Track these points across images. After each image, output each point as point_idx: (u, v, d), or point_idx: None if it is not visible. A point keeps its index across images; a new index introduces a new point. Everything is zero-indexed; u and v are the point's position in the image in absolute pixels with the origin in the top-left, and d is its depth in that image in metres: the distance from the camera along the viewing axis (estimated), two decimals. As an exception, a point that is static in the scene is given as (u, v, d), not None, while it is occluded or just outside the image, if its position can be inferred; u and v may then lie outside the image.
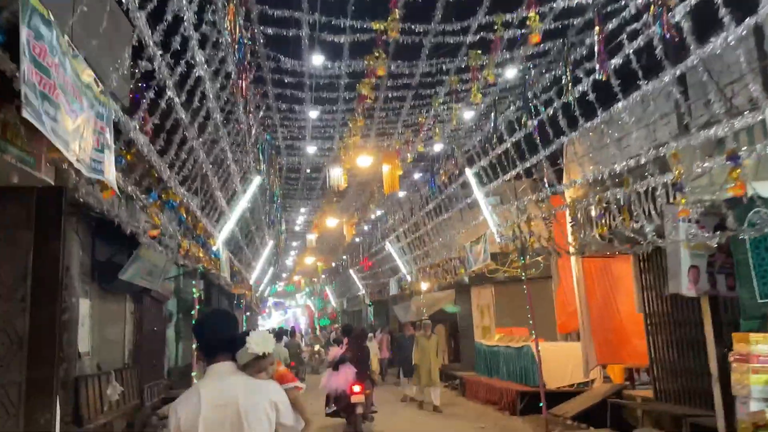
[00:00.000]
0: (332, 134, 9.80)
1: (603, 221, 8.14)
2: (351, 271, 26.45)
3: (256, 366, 2.73)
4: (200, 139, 5.94)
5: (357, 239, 21.44)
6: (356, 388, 9.25)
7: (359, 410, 9.20)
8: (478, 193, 9.76)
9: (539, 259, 11.30)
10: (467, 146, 10.15)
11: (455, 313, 18.10)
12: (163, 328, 15.66)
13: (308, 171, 10.92)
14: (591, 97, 6.15)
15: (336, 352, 10.58)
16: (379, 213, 17.12)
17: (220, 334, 2.74)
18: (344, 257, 26.04)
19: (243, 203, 9.33)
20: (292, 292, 46.03)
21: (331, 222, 16.74)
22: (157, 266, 10.77)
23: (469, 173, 9.89)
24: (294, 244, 22.81)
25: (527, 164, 8.31)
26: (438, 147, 10.80)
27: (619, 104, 6.88)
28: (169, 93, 4.80)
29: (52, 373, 5.33)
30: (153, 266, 10.51)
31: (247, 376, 2.69)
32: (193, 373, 16.14)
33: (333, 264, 28.31)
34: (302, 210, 15.07)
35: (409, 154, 9.89)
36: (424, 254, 15.13)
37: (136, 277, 9.48)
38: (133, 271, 9.08)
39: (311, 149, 10.25)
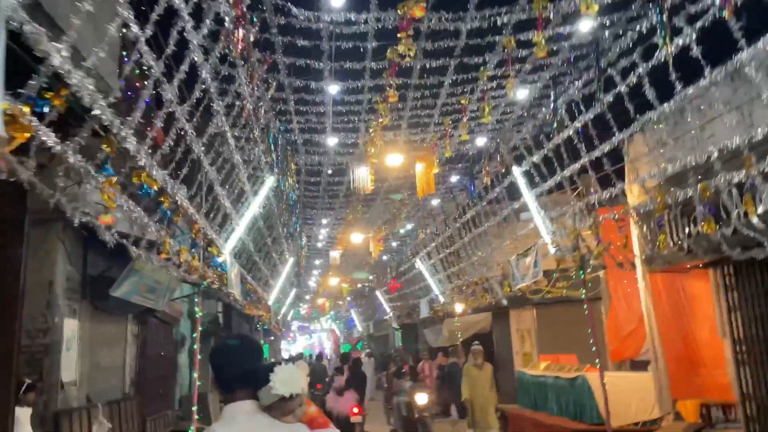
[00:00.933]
0: (356, 123, 8.67)
1: (679, 228, 6.77)
2: (377, 293, 25.17)
3: (282, 408, 2.32)
4: (185, 106, 4.79)
5: (384, 257, 20.16)
6: (355, 410, 11.49)
7: (357, 429, 11.40)
8: (527, 196, 8.46)
9: (599, 274, 9.85)
10: (515, 141, 8.88)
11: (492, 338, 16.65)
12: (174, 352, 14.62)
13: (329, 173, 9.80)
14: (692, 53, 4.84)
15: (341, 380, 12.56)
16: (408, 227, 15.85)
17: (240, 366, 2.33)
18: (370, 277, 24.80)
19: (254, 207, 8.20)
20: (316, 316, 44.83)
21: (357, 237, 15.58)
22: (161, 283, 9.69)
23: (517, 172, 8.61)
24: (317, 262, 21.69)
25: (587, 159, 6.98)
26: (480, 142, 9.56)
27: (704, 81, 5.57)
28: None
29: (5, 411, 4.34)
30: (155, 283, 9.43)
31: (271, 419, 2.30)
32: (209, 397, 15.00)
33: (358, 285, 27.10)
34: (323, 222, 13.96)
35: (447, 147, 8.64)
36: (460, 271, 13.80)
37: (132, 294, 8.38)
38: (128, 287, 7.96)
39: (332, 142, 9.10)
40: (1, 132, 2.59)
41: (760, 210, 4.53)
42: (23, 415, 5.35)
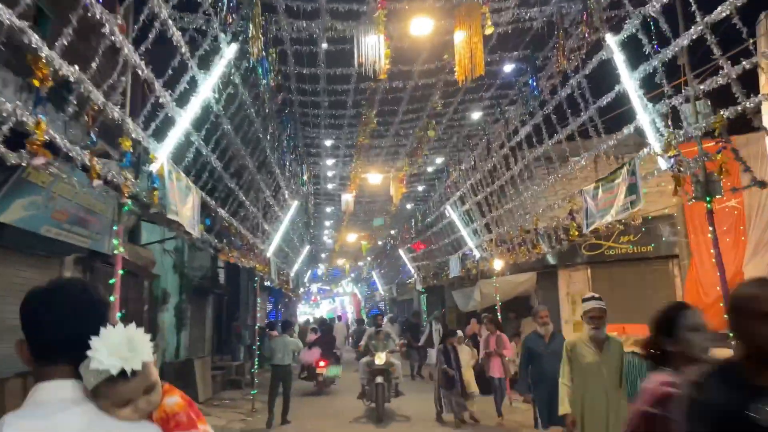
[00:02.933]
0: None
1: None
2: (401, 252, 22.63)
3: (114, 394, 1.52)
4: None
5: (408, 205, 17.49)
6: (321, 363, 14.47)
7: (320, 378, 14.46)
8: (627, 81, 5.63)
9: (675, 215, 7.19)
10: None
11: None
12: (151, 311, 12.38)
13: (325, 46, 7.01)
14: None
15: (311, 337, 16.43)
16: (438, 162, 13.05)
17: (61, 325, 1.57)
18: (392, 232, 22.24)
19: (206, 88, 5.58)
20: (338, 278, 42.82)
21: (374, 178, 12.94)
22: (96, 213, 7.21)
23: (611, 42, 5.78)
24: (328, 210, 19.17)
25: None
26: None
27: None
28: None
29: None
30: (86, 211, 6.95)
31: (98, 413, 1.53)
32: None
33: (379, 242, 24.64)
34: (328, 145, 11.27)
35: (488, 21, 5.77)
36: (503, 218, 11.05)
37: (40, 223, 5.90)
38: (22, 211, 5.45)
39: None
40: None
41: None
42: None
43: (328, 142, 11.05)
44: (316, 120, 10.02)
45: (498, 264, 12.26)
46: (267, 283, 21.29)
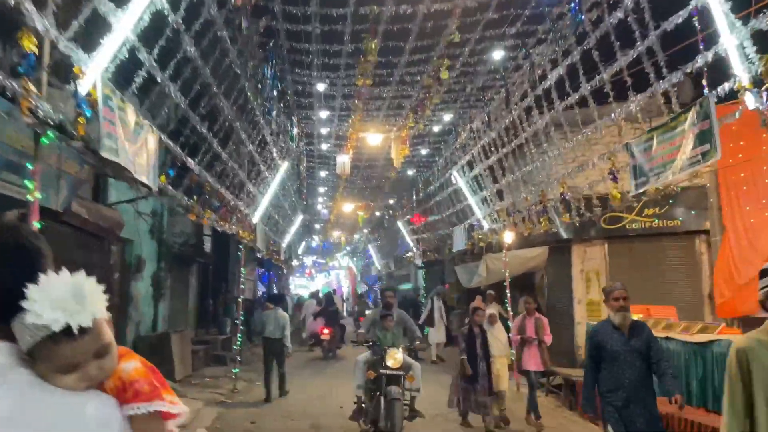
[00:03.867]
0: None
1: None
2: (399, 224, 21.46)
3: (53, 357, 1.33)
4: None
5: (409, 172, 16.22)
6: (325, 331, 16.24)
7: (325, 344, 16.12)
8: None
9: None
10: None
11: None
12: (120, 279, 11.21)
13: None
14: None
15: (316, 308, 17.99)
16: (446, 119, 11.66)
17: None
18: (391, 201, 21.01)
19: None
20: (333, 251, 41.76)
21: (374, 139, 11.64)
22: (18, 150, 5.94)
23: None
24: (323, 174, 17.80)
25: None
26: None
27: None
28: None
29: None
30: (15, 153, 5.72)
31: (31, 380, 1.34)
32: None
33: (377, 213, 23.41)
34: (320, 90, 9.84)
35: None
36: (522, 180, 9.80)
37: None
38: None
39: None
40: None
41: None
42: None
43: (322, 87, 9.63)
44: (306, 58, 8.60)
45: (509, 236, 11.06)
46: (258, 255, 20.27)
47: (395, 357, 7.10)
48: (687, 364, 7.07)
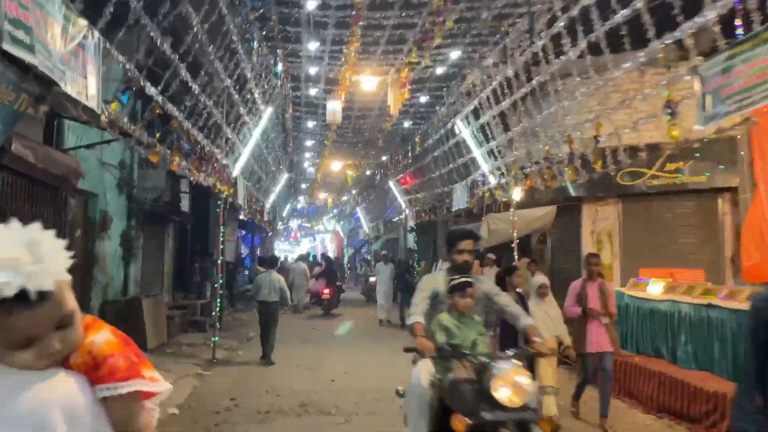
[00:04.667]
0: None
1: None
2: (391, 183, 20.33)
3: (8, 329, 1.19)
4: None
5: (406, 124, 14.96)
6: (325, 291, 17.80)
7: (326, 303, 17.68)
8: None
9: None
10: None
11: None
12: (83, 237, 10.03)
13: None
14: None
15: (317, 270, 19.79)
16: (454, 57, 10.30)
17: None
18: (384, 158, 19.81)
19: None
20: (319, 214, 40.62)
21: (368, 82, 10.37)
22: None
23: None
24: (310, 124, 16.40)
25: None
26: None
27: None
28: None
29: None
30: None
31: None
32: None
33: (367, 171, 22.21)
34: (310, 8, 8.39)
35: None
36: (542, 125, 8.68)
37: None
38: None
39: None
40: None
41: None
42: None
43: (312, 4, 8.21)
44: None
45: (518, 193, 10.02)
46: (241, 217, 19.09)
47: (515, 382, 3.24)
48: (734, 338, 6.14)
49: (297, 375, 9.01)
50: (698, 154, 10.22)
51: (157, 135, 5.82)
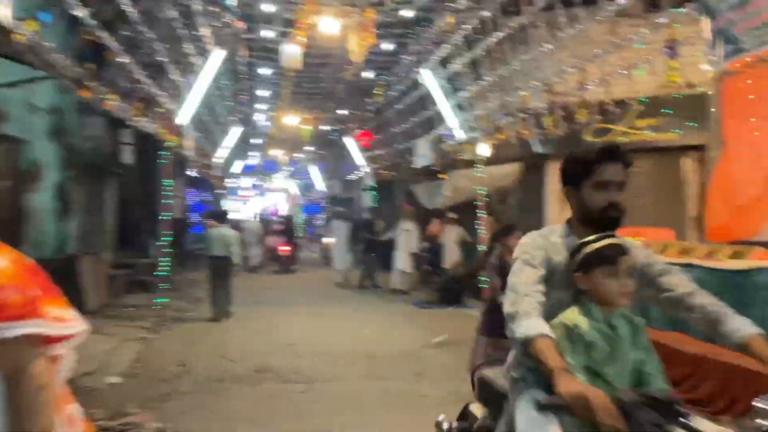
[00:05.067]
0: None
1: None
2: (350, 139, 19.63)
3: None
4: None
5: (370, 73, 14.17)
6: (282, 247, 18.17)
7: (283, 260, 17.94)
8: None
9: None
10: None
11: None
12: (13, 188, 9.05)
13: None
14: None
15: (276, 227, 19.94)
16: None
17: None
18: (344, 113, 18.99)
19: None
20: (273, 171, 39.41)
21: (328, 25, 9.53)
22: None
23: None
24: (266, 73, 15.23)
25: None
26: None
27: None
28: None
29: None
30: None
31: None
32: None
33: (327, 127, 21.30)
34: None
35: None
36: (520, 73, 8.19)
37: None
38: None
39: None
40: None
41: None
42: None
43: None
44: None
45: (486, 149, 9.59)
46: (189, 172, 18.08)
47: None
48: (719, 298, 5.92)
49: (252, 338, 8.47)
50: (668, 110, 10.00)
51: (89, 68, 5.01)
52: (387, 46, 11.51)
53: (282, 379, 6.35)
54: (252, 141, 27.05)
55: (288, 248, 18.10)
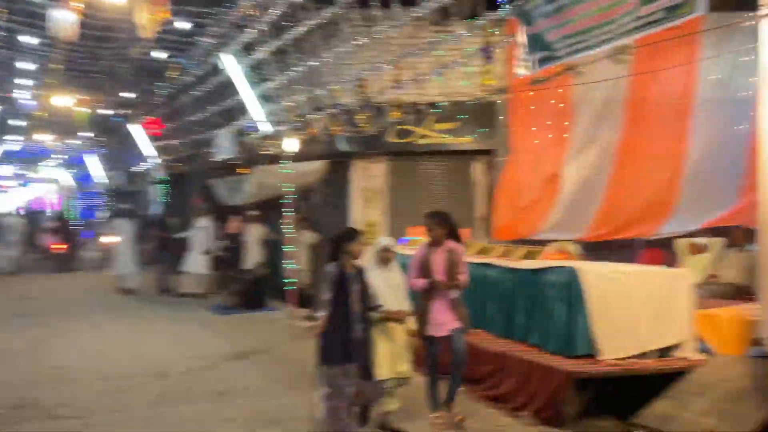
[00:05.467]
0: None
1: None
2: (136, 126, 17.67)
3: None
4: None
5: (165, 55, 12.62)
6: (57, 245, 17.49)
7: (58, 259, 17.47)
8: None
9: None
10: None
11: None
12: None
13: None
14: None
15: (51, 225, 18.89)
16: None
17: None
18: (131, 96, 16.91)
19: None
20: (39, 158, 34.13)
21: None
22: None
23: None
24: (31, 41, 12.68)
25: None
26: None
27: None
28: None
29: None
30: None
31: None
32: None
33: (109, 111, 18.80)
34: None
35: None
36: (332, 67, 7.87)
37: None
38: None
39: None
40: None
41: None
42: None
43: None
44: None
45: (293, 144, 9.20)
46: None
47: None
48: (513, 296, 6.30)
49: (7, 363, 6.94)
50: (463, 116, 10.61)
51: None
52: (183, 24, 10.41)
53: (48, 415, 5.19)
54: (12, 122, 22.97)
55: (63, 246, 17.47)
